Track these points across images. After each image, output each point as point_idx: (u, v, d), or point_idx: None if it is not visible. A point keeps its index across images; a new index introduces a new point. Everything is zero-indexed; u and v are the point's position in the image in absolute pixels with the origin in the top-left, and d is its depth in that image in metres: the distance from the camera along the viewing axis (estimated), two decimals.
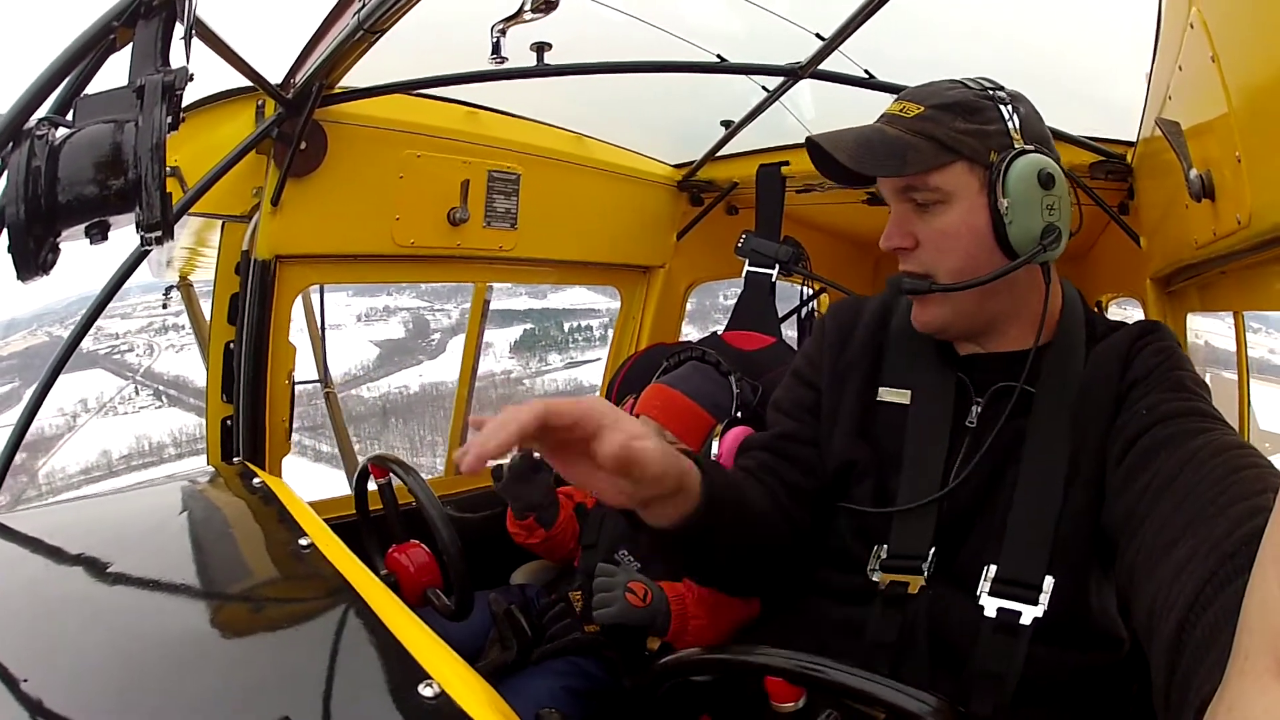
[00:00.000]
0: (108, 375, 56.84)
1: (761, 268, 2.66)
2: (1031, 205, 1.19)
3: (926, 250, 1.26)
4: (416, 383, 56.35)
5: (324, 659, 1.04)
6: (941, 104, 1.22)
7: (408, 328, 64.21)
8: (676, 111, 2.78)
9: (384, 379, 58.25)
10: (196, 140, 1.96)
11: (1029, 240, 1.20)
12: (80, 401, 54.29)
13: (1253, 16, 1.02)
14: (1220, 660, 0.52)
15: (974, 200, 1.21)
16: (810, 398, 1.45)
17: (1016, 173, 1.18)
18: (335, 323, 62.70)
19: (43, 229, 0.93)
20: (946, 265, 1.24)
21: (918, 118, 1.23)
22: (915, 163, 1.20)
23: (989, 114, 1.22)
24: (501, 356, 60.36)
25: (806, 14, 1.98)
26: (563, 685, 1.84)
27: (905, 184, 1.24)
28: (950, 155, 1.20)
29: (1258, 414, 2.14)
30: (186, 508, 1.61)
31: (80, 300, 53.95)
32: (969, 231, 1.22)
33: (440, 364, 55.58)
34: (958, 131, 1.20)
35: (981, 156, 1.20)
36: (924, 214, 1.25)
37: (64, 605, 1.20)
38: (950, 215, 1.22)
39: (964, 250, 1.23)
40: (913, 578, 1.25)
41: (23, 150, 0.90)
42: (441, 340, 60.69)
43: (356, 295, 64.67)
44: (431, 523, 1.76)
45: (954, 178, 1.21)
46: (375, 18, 1.53)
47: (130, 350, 60.24)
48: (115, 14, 1.00)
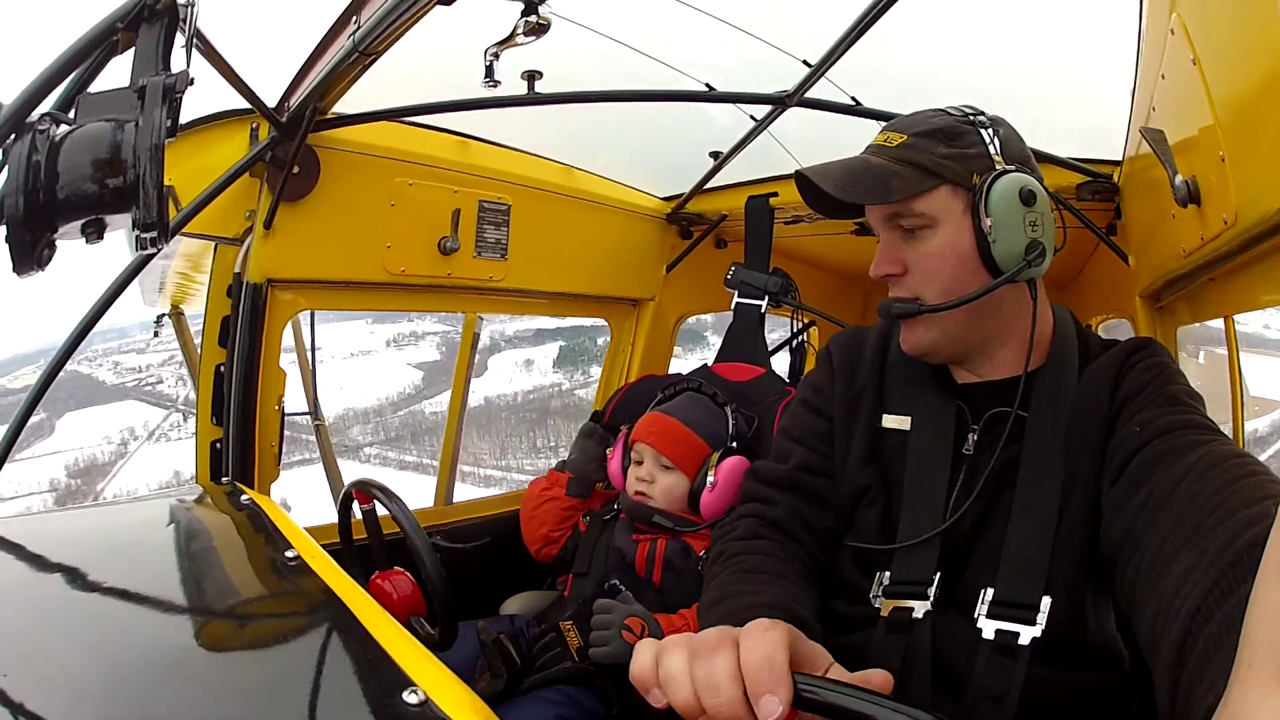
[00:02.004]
0: (144, 406, 59.99)
1: (751, 299, 2.69)
2: (1014, 223, 1.21)
3: (914, 275, 1.28)
4: (471, 399, 58.22)
5: (308, 668, 1.03)
6: (924, 131, 1.26)
7: (441, 350, 68.20)
8: (665, 143, 2.81)
9: (438, 396, 62.01)
10: (191, 160, 1.96)
11: (1013, 257, 1.22)
12: (127, 429, 57.55)
13: (1232, 16, 1.05)
14: (1223, 670, 0.52)
15: (958, 222, 1.24)
16: (823, 426, 1.45)
17: (998, 192, 1.21)
18: (366, 349, 68.98)
19: (41, 224, 0.93)
20: (934, 288, 1.26)
21: (901, 146, 1.26)
22: (899, 190, 1.23)
23: (970, 138, 1.26)
24: (546, 372, 66.22)
25: (793, 42, 2.02)
26: (555, 714, 1.81)
27: (892, 211, 1.26)
28: (934, 180, 1.23)
29: (1250, 381, 2.15)
30: (173, 522, 1.59)
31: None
32: (954, 253, 1.24)
33: (487, 381, 60.65)
34: (940, 157, 1.23)
35: (964, 179, 1.23)
36: (911, 240, 1.27)
37: (48, 615, 1.18)
38: (936, 239, 1.25)
39: (950, 272, 1.25)
40: (917, 603, 1.25)
41: (24, 143, 0.90)
42: (480, 361, 62.04)
43: (378, 322, 71.09)
44: (414, 550, 1.74)
45: (938, 202, 1.24)
46: (369, 41, 1.54)
47: (160, 382, 62.41)
48: (120, 15, 1.01)
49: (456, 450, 2.95)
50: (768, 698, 0.72)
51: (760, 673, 0.74)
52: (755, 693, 0.73)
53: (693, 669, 0.77)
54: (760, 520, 1.41)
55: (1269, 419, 10.74)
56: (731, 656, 0.76)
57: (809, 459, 1.44)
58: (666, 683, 0.78)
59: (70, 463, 53.32)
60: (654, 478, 2.18)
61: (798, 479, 1.43)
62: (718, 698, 0.75)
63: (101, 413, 59.08)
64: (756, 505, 1.44)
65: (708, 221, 3.06)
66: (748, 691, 0.74)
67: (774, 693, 0.72)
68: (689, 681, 0.77)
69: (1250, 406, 1.62)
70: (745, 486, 1.51)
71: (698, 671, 0.77)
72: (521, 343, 70.56)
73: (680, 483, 2.17)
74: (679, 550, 2.10)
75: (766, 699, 0.72)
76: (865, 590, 1.31)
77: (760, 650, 0.75)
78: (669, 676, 0.78)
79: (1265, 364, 7.86)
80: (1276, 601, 0.46)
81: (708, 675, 0.76)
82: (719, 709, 0.75)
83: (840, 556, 1.38)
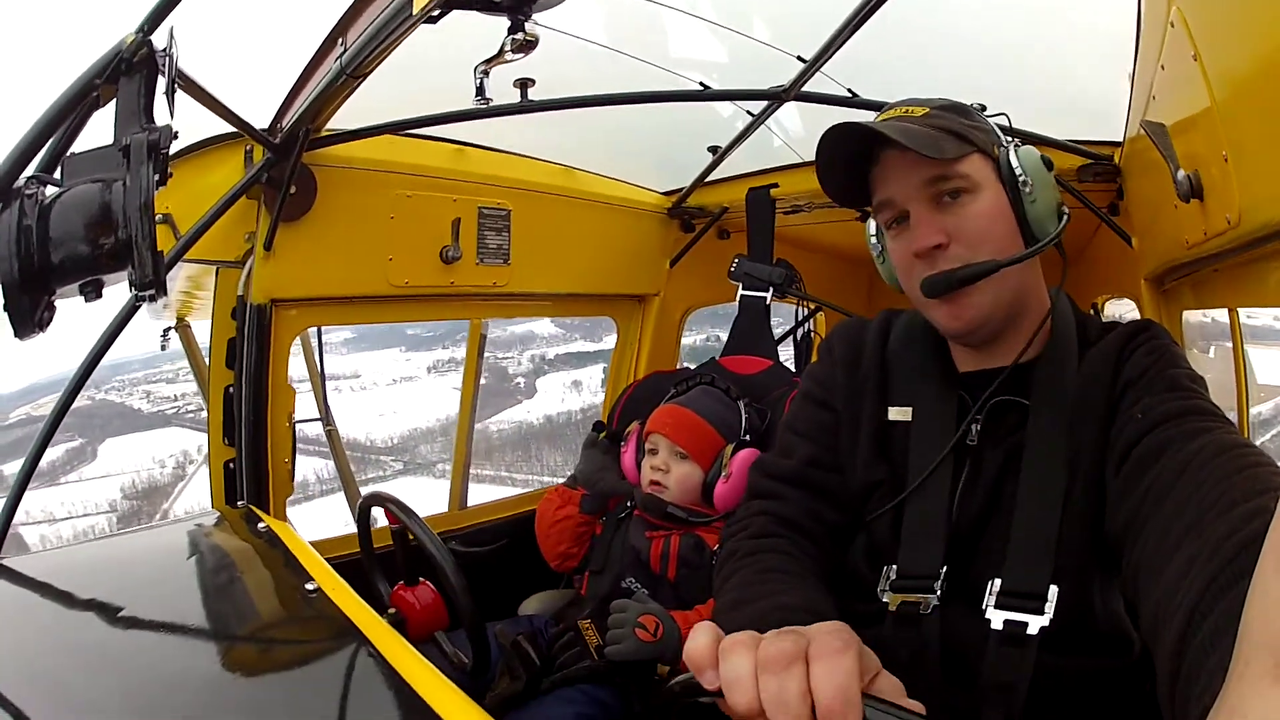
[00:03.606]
0: (188, 431, 61.50)
1: (755, 291, 2.68)
2: (1047, 184, 1.25)
3: (959, 244, 1.24)
4: (527, 418, 65.43)
5: (333, 702, 1.04)
6: (941, 105, 1.29)
7: (485, 376, 69.51)
8: (663, 139, 2.80)
9: (496, 416, 65.32)
10: (187, 187, 1.96)
11: (1049, 216, 1.25)
12: (180, 453, 59.02)
13: (1233, 12, 1.02)
14: (1222, 665, 0.52)
15: (995, 188, 1.25)
16: (828, 419, 1.44)
17: (1025, 157, 1.25)
18: (408, 375, 73.03)
19: (37, 288, 0.93)
20: (986, 250, 1.23)
21: (927, 117, 1.27)
22: (950, 150, 1.22)
23: (978, 116, 1.31)
24: (596, 390, 69.10)
25: (787, 38, 1.99)
26: (575, 712, 1.83)
27: (934, 175, 1.23)
28: (968, 146, 1.24)
29: (1255, 368, 2.13)
30: (193, 552, 1.61)
31: (107, 366, 57.39)
32: (1000, 215, 1.24)
33: (539, 402, 65.27)
34: (966, 125, 1.26)
35: (989, 149, 1.26)
36: (952, 207, 1.24)
37: (72, 649, 1.20)
38: (980, 203, 1.24)
39: (998, 235, 1.24)
40: (924, 596, 1.24)
41: (13, 210, 0.90)
42: (528, 384, 70.55)
43: (412, 350, 75.55)
44: (438, 566, 1.75)
45: (976, 166, 1.25)
46: (357, 62, 1.53)
47: (200, 410, 65.69)
48: (96, 71, 1.01)
49: (468, 455, 2.96)
50: None
51: (834, 702, 0.72)
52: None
53: (760, 679, 0.75)
54: (773, 518, 1.40)
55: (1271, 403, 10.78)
56: (803, 675, 0.74)
57: (816, 454, 1.43)
58: (731, 685, 0.77)
59: (127, 485, 55.33)
60: (669, 467, 2.18)
61: (807, 474, 1.42)
62: (787, 717, 0.73)
63: (145, 439, 61.17)
64: (767, 502, 1.43)
65: (709, 214, 3.04)
66: (818, 716, 0.73)
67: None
68: (754, 689, 0.75)
69: (1256, 394, 1.60)
70: (753, 482, 1.49)
71: (767, 684, 0.75)
72: (564, 365, 72.58)
73: (695, 473, 2.17)
74: (692, 546, 2.11)
75: None
76: (873, 585, 1.30)
77: (835, 677, 0.73)
78: (734, 679, 0.76)
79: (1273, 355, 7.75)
80: (1274, 597, 0.46)
81: (779, 692, 0.74)
82: None
83: (849, 551, 1.37)
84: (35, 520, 48.78)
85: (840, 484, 1.40)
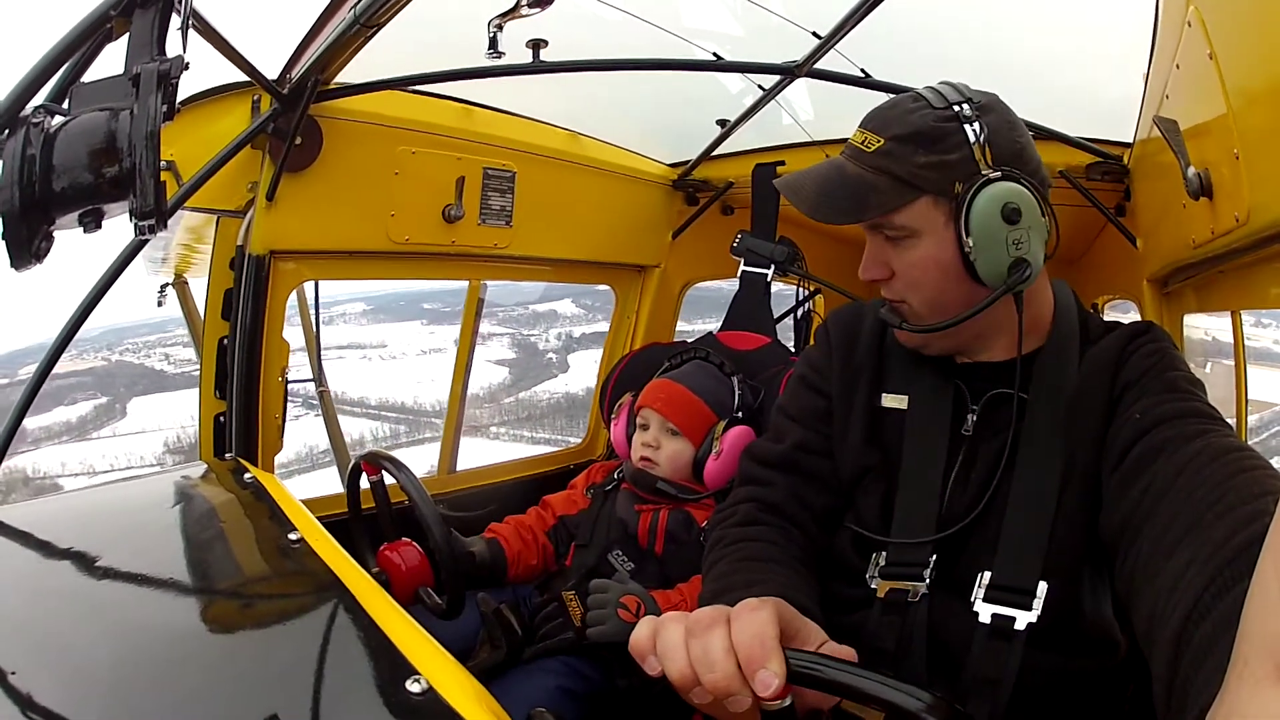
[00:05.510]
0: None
1: (757, 267, 2.67)
2: (996, 242, 1.16)
3: (900, 281, 1.26)
4: (567, 389, 67.66)
5: (312, 655, 1.04)
6: (901, 135, 1.19)
7: (516, 350, 75.98)
8: (672, 111, 2.78)
9: (539, 384, 69.71)
10: (192, 134, 1.94)
11: (997, 274, 1.18)
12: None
13: (1251, 14, 1.02)
14: (1219, 667, 0.52)
15: (941, 234, 1.20)
16: (821, 404, 1.44)
17: (980, 209, 1.15)
18: (437, 346, 74.11)
19: (37, 216, 0.92)
20: (919, 297, 1.25)
21: (877, 153, 1.20)
22: (878, 204, 1.19)
23: (952, 139, 1.18)
24: None
25: (803, 13, 1.97)
26: (556, 685, 1.83)
27: (872, 222, 1.24)
28: (912, 192, 1.18)
29: (1252, 386, 2.14)
30: (178, 502, 1.60)
31: (112, 330, 55.14)
32: (936, 265, 1.21)
33: (574, 375, 67.45)
34: (918, 167, 1.18)
35: (945, 189, 1.18)
36: (896, 246, 1.24)
37: (54, 599, 1.20)
38: (919, 250, 1.22)
39: (934, 283, 1.23)
40: (913, 584, 1.25)
41: (18, 138, 0.89)
42: (560, 358, 73.65)
43: (434, 323, 77.48)
44: (424, 521, 1.75)
45: (918, 213, 1.19)
46: (371, 12, 1.52)
47: None
48: (113, 3, 0.99)
49: (461, 417, 2.96)
50: (763, 671, 0.76)
51: (752, 648, 0.77)
52: (750, 668, 0.77)
53: (689, 644, 0.80)
54: (758, 505, 1.41)
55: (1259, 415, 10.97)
56: (725, 633, 0.80)
57: (807, 438, 1.43)
58: (663, 655, 0.82)
59: (171, 440, 55.62)
60: (659, 443, 2.17)
61: (796, 459, 1.42)
62: (713, 672, 0.78)
63: (175, 398, 61.20)
64: (754, 489, 1.44)
65: (714, 188, 3.03)
66: (742, 666, 0.78)
67: (767, 666, 0.76)
68: (684, 655, 0.80)
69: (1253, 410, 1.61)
70: (742, 467, 1.50)
71: (693, 648, 0.80)
72: (593, 344, 73.65)
73: (685, 450, 2.16)
74: (681, 521, 2.11)
75: (762, 673, 0.76)
76: (862, 571, 1.31)
77: (751, 627, 0.79)
78: (665, 650, 0.82)
79: (1271, 376, 7.74)
80: (1273, 598, 0.46)
81: (703, 651, 0.79)
82: (715, 683, 0.78)
83: (838, 537, 1.38)
84: (74, 473, 50.20)
85: (830, 469, 1.40)
